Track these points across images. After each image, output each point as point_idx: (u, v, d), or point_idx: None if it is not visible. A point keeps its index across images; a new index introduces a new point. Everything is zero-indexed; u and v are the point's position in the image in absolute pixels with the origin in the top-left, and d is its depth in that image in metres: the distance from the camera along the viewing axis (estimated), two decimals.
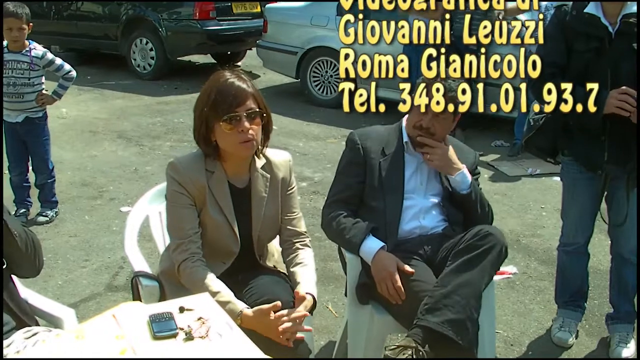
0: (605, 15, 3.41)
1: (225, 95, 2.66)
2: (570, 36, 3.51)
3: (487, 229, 3.01)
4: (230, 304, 2.56)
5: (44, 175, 5.53)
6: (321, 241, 5.11)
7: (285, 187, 2.95)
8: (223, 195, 2.79)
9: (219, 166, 2.79)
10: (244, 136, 2.66)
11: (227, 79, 2.71)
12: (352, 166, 3.32)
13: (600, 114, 3.32)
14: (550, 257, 5.05)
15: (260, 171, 2.86)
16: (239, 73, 2.76)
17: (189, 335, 2.03)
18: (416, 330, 2.79)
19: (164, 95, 10.30)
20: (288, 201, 2.97)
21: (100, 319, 2.11)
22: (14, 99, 5.24)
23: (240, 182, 2.85)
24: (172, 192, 2.77)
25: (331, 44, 9.47)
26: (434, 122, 3.20)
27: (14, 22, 5.05)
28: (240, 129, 2.65)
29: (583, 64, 3.46)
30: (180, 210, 2.76)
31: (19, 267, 2.53)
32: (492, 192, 6.37)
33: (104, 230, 5.40)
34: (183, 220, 2.76)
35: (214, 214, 2.77)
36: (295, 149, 7.68)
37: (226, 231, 2.80)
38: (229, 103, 2.65)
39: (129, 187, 6.36)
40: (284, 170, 2.94)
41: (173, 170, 2.78)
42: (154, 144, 7.83)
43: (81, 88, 10.12)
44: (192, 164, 2.79)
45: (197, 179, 2.75)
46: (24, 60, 5.20)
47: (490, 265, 2.94)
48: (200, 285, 2.62)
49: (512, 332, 4.12)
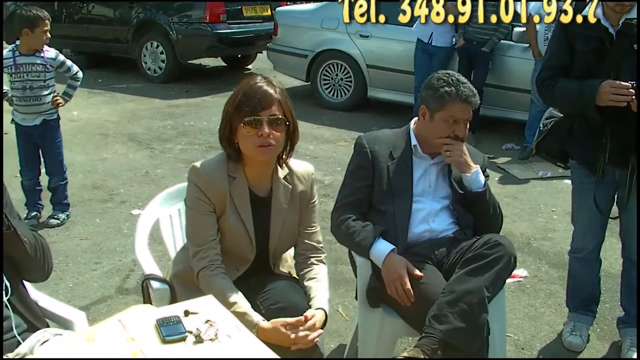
0: (606, 16, 3.40)
1: (250, 98, 2.66)
2: (572, 37, 3.52)
3: (497, 239, 3.01)
4: (246, 316, 2.55)
5: (57, 178, 5.56)
6: (332, 244, 5.10)
7: (306, 200, 2.94)
8: (243, 202, 2.78)
9: (240, 172, 2.78)
10: (263, 140, 2.65)
11: (256, 82, 2.71)
12: (361, 170, 3.32)
13: (594, 103, 3.35)
14: (561, 260, 5.03)
15: (282, 181, 2.85)
16: (271, 80, 2.76)
17: (199, 338, 2.03)
18: (424, 341, 2.78)
19: (175, 98, 10.32)
20: (308, 214, 2.96)
21: (107, 323, 2.11)
22: (31, 102, 5.26)
23: (262, 191, 2.83)
24: (193, 199, 2.76)
25: (342, 46, 9.51)
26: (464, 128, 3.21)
27: (47, 25, 5.16)
28: (260, 133, 2.64)
29: (585, 64, 3.48)
30: (200, 217, 2.75)
31: (28, 272, 2.54)
32: (503, 195, 6.35)
33: (115, 233, 5.41)
34: (203, 227, 2.75)
35: (233, 221, 2.76)
36: (305, 152, 7.68)
37: (243, 239, 2.79)
38: (253, 106, 2.64)
39: (139, 190, 6.38)
40: (305, 183, 2.93)
41: (196, 175, 2.76)
42: (165, 147, 7.85)
43: (92, 91, 10.17)
44: (215, 170, 2.77)
45: (220, 185, 2.74)
46: (38, 63, 5.22)
47: (498, 275, 2.93)
48: (217, 294, 2.59)
49: (523, 336, 4.10)
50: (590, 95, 3.36)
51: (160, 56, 11.24)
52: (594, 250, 3.87)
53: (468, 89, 3.18)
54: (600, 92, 3.32)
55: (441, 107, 3.18)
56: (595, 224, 3.79)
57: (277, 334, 2.50)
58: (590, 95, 3.36)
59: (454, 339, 2.77)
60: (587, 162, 3.65)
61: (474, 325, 2.81)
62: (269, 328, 2.53)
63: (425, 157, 3.31)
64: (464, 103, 3.16)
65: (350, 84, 9.60)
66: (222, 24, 10.83)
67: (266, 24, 11.28)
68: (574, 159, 3.75)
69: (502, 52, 8.25)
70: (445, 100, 3.16)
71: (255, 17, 11.43)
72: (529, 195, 6.61)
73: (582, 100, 3.42)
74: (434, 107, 3.20)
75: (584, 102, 3.40)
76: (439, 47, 8.40)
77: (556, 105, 3.79)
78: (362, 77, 9.44)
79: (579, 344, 3.92)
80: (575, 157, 3.74)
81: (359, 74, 9.44)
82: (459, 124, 3.19)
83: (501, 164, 7.50)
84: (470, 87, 3.20)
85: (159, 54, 11.24)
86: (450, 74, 3.26)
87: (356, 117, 9.21)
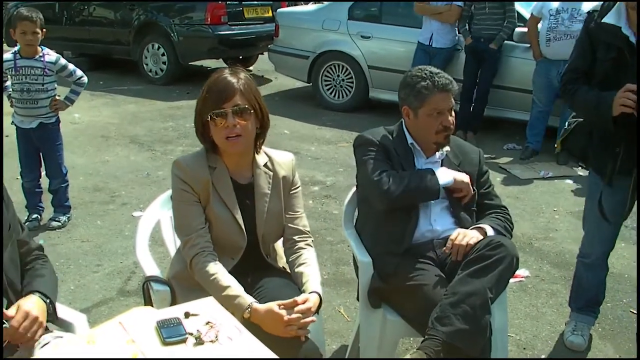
0: (629, 24, 3.31)
1: (214, 91, 2.74)
2: (594, 43, 3.46)
3: (499, 240, 2.99)
4: (239, 298, 2.59)
5: (57, 180, 5.56)
6: (333, 245, 5.11)
7: (289, 186, 2.99)
8: (226, 189, 2.84)
9: (220, 161, 2.85)
10: (229, 131, 2.72)
11: (221, 75, 2.78)
12: (379, 153, 3.28)
13: (609, 117, 3.30)
14: (562, 260, 5.03)
15: (262, 168, 2.92)
16: (236, 70, 2.82)
17: (199, 339, 2.03)
18: (427, 343, 2.78)
19: (176, 100, 10.33)
20: (292, 200, 3.00)
21: (108, 325, 2.11)
22: (28, 104, 5.27)
23: (243, 179, 2.90)
24: (178, 190, 2.82)
25: (343, 47, 9.51)
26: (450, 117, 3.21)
27: (28, 26, 5.09)
28: (226, 124, 2.71)
29: (603, 73, 3.42)
30: (186, 207, 2.81)
31: None
32: (504, 195, 6.35)
33: (116, 235, 5.41)
34: (189, 216, 2.80)
35: (219, 210, 2.81)
36: (307, 153, 7.69)
37: (231, 225, 2.83)
38: (216, 99, 2.72)
39: (141, 192, 6.38)
40: (286, 168, 2.99)
41: (177, 168, 2.83)
42: (166, 148, 7.85)
43: (93, 93, 10.18)
44: (195, 161, 2.85)
45: (201, 174, 2.81)
46: (37, 66, 5.22)
47: (501, 276, 2.91)
48: (211, 278, 2.66)
49: (525, 336, 4.10)
50: (605, 111, 3.30)
51: (161, 58, 11.25)
52: (602, 256, 3.86)
53: (444, 77, 3.19)
54: (614, 102, 3.26)
55: (422, 103, 3.19)
56: (603, 231, 3.75)
57: (271, 314, 2.52)
58: (606, 111, 3.30)
59: (457, 341, 2.77)
60: (598, 168, 3.63)
61: (476, 327, 2.81)
62: (262, 309, 2.54)
63: (422, 154, 3.31)
64: (442, 92, 3.17)
65: (352, 85, 9.61)
66: (223, 26, 10.84)
67: (267, 25, 11.30)
68: (589, 163, 3.74)
69: (504, 52, 8.24)
70: (423, 94, 3.17)
71: (256, 18, 11.45)
72: (531, 195, 6.61)
73: (599, 113, 3.36)
74: (415, 104, 3.22)
75: (600, 115, 3.35)
76: (440, 49, 8.42)
77: (575, 111, 3.77)
78: (363, 78, 9.44)
79: (580, 343, 3.91)
80: (590, 161, 3.73)
81: (361, 75, 9.45)
82: (444, 115, 3.20)
83: (502, 164, 7.50)
84: (445, 76, 3.21)
85: (160, 56, 11.25)
86: (422, 68, 3.27)
87: (358, 118, 9.21)
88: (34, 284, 2.50)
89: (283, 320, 2.51)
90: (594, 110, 3.41)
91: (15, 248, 2.54)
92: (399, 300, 3.13)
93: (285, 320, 2.51)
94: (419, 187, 3.16)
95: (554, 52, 7.39)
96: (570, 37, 7.19)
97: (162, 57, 11.24)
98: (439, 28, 8.38)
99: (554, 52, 7.39)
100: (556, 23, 7.32)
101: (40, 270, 2.60)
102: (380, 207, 3.22)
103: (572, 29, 7.19)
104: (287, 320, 2.51)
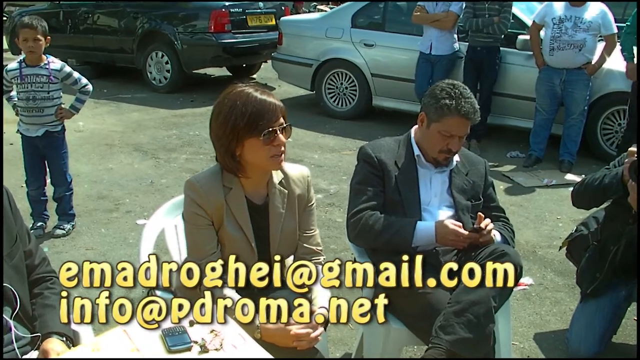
0: None
1: (264, 112, 2.64)
2: None
3: (503, 248, 2.99)
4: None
5: (62, 188, 5.57)
6: (337, 253, 5.11)
7: (304, 203, 2.94)
8: (241, 211, 2.78)
9: (236, 182, 2.79)
10: (277, 150, 2.67)
11: (256, 94, 2.68)
12: (373, 177, 3.28)
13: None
14: (566, 268, 5.02)
15: (277, 187, 2.85)
16: (262, 87, 2.77)
17: (204, 347, 2.04)
18: (431, 352, 2.78)
19: (180, 108, 10.35)
20: (306, 218, 2.95)
21: (112, 333, 2.12)
22: (34, 113, 5.28)
23: (258, 199, 2.84)
24: (191, 214, 2.77)
25: (346, 55, 9.52)
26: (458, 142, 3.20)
27: (29, 33, 5.10)
28: (276, 144, 2.66)
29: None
30: (198, 231, 2.76)
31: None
32: (508, 203, 6.35)
33: (121, 243, 5.42)
34: (202, 240, 2.76)
35: (232, 231, 2.77)
36: (310, 161, 7.69)
37: (244, 247, 2.79)
38: (268, 119, 2.64)
39: (145, 199, 6.39)
40: (301, 185, 2.92)
41: (191, 190, 2.77)
42: (170, 156, 7.87)
43: (97, 101, 10.20)
44: (210, 182, 2.78)
45: (216, 197, 2.74)
46: (43, 74, 5.24)
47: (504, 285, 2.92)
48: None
49: (529, 344, 4.09)
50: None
51: (165, 66, 11.28)
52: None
53: (470, 105, 3.14)
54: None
55: (439, 119, 3.16)
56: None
57: (280, 330, 2.51)
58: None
59: (461, 350, 2.77)
60: (579, 282, 3.89)
61: (480, 336, 2.81)
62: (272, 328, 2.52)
63: (428, 166, 3.31)
64: (462, 118, 3.13)
65: (355, 93, 9.61)
66: (226, 34, 10.86)
67: (271, 33, 11.31)
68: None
69: (507, 60, 8.25)
70: (444, 112, 3.14)
71: (259, 26, 11.46)
72: (534, 203, 6.61)
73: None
74: (433, 117, 3.19)
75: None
76: (440, 56, 8.43)
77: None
78: (366, 86, 9.45)
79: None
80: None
81: (364, 82, 9.45)
82: (454, 139, 3.18)
83: (506, 172, 7.50)
84: (472, 104, 3.15)
85: (164, 64, 11.28)
86: (456, 85, 3.20)
87: (361, 126, 9.23)
88: (49, 323, 2.46)
89: (291, 336, 2.50)
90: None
91: (22, 258, 2.53)
92: (403, 307, 3.13)
93: (293, 336, 2.51)
94: (389, 242, 3.15)
95: (557, 61, 7.39)
96: (574, 47, 7.19)
97: (165, 65, 11.26)
98: (438, 36, 8.39)
99: (557, 61, 7.39)
100: (560, 32, 7.29)
101: (51, 299, 2.56)
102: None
103: (575, 39, 7.19)
104: (295, 336, 2.51)
